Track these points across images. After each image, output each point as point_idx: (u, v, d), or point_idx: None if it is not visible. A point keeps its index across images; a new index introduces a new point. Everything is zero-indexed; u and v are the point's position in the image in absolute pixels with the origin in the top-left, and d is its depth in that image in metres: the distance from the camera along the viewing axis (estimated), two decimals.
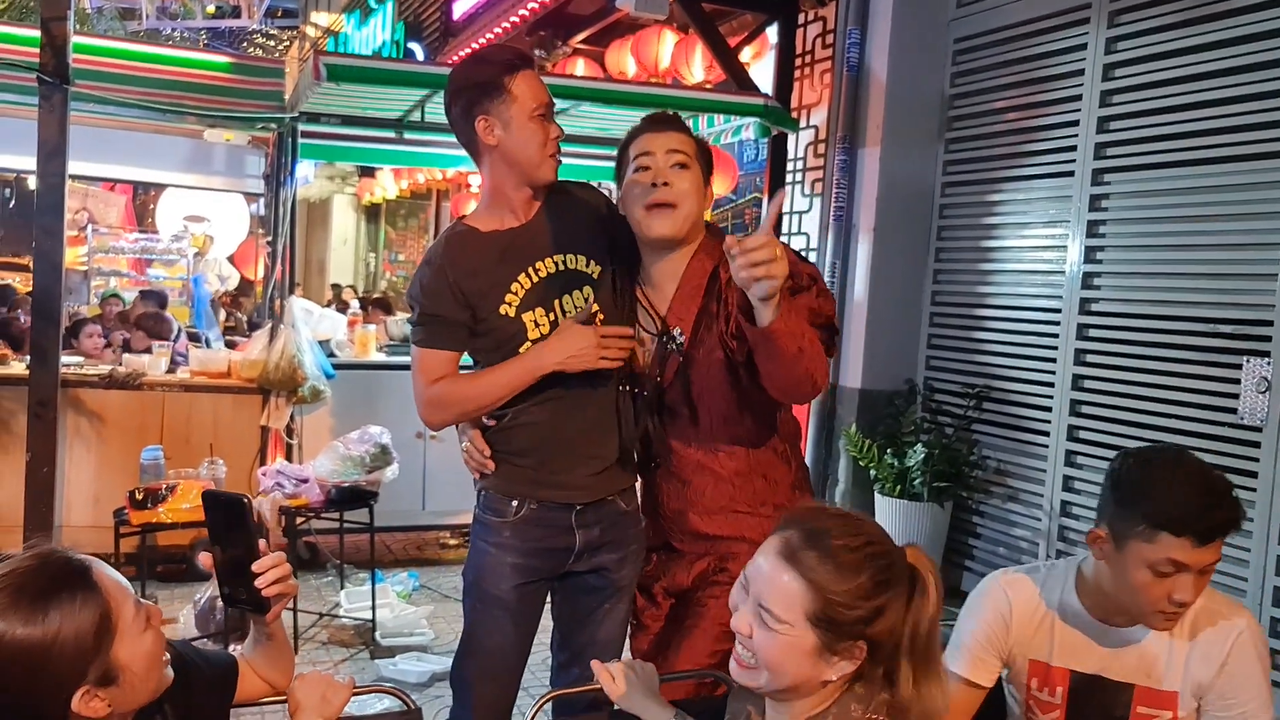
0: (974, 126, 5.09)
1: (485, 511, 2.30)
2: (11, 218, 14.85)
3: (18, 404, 4.56)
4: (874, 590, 1.38)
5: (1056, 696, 1.92)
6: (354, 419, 4.92)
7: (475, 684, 2.28)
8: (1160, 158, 4.15)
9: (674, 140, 2.17)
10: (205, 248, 10.16)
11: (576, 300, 2.23)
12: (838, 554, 1.39)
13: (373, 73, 4.82)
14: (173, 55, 5.49)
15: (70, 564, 1.33)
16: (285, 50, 15.59)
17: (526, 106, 2.13)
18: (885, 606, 1.38)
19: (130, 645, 1.32)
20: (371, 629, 4.32)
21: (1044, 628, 1.93)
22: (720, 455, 2.21)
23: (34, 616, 1.24)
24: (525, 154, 2.15)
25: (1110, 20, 4.35)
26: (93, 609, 1.29)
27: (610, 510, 2.29)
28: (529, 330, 2.19)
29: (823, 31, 5.63)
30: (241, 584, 1.54)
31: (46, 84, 3.92)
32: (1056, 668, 1.92)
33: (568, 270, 2.23)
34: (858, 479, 5.18)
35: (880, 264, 5.23)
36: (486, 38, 7.87)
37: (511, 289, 2.19)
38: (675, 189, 2.12)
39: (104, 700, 1.29)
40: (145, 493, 3.92)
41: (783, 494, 2.24)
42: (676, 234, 2.14)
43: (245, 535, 1.52)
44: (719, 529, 2.22)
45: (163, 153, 6.31)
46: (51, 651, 1.24)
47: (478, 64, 2.22)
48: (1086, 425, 4.41)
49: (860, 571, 1.38)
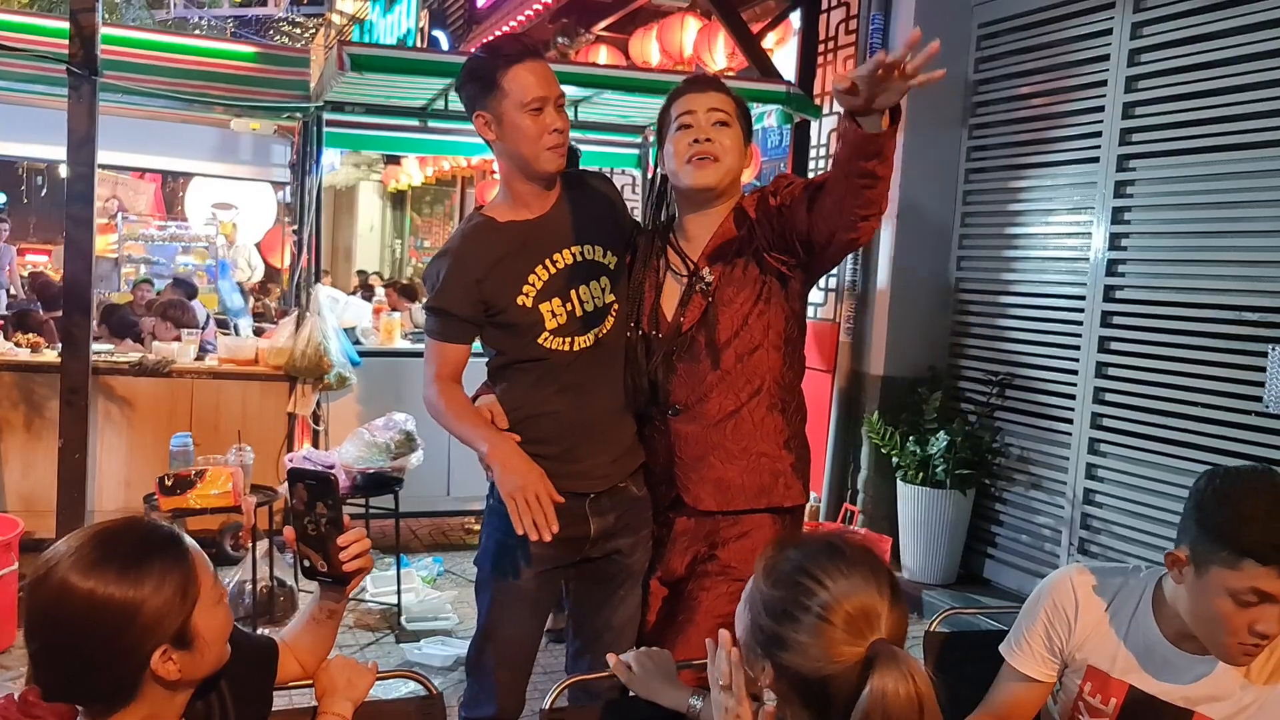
0: (998, 112, 5.06)
1: (499, 502, 2.28)
2: (44, 206, 15.04)
3: (50, 391, 4.64)
4: (782, 614, 1.34)
5: (1109, 707, 1.84)
6: (379, 406, 4.97)
7: (494, 671, 2.31)
8: (1186, 144, 4.11)
9: (714, 99, 2.23)
10: (233, 235, 10.26)
11: (594, 290, 2.25)
12: (781, 558, 1.41)
13: (396, 62, 4.84)
14: (199, 45, 5.53)
15: (162, 530, 1.40)
16: (311, 38, 15.66)
17: (518, 100, 2.13)
18: (790, 642, 1.32)
19: (206, 614, 1.37)
20: (397, 613, 4.37)
21: (1111, 636, 1.85)
22: (743, 396, 2.22)
23: (127, 574, 1.30)
24: (520, 148, 2.17)
25: (1136, 5, 4.31)
26: (180, 573, 1.35)
27: (624, 496, 2.31)
28: (546, 320, 2.22)
29: (846, 17, 5.60)
30: (323, 557, 1.60)
31: (76, 75, 3.97)
32: (1116, 680, 1.83)
33: (585, 261, 2.26)
34: (880, 466, 5.18)
35: (903, 251, 5.22)
36: (510, 24, 7.89)
37: (529, 280, 2.21)
38: (717, 144, 2.19)
39: (177, 664, 1.34)
40: (175, 479, 3.98)
41: (795, 426, 2.28)
42: (718, 184, 2.21)
43: (332, 510, 1.59)
44: (741, 475, 2.22)
45: (190, 142, 6.36)
46: (141, 608, 1.30)
47: (476, 59, 2.24)
48: (1110, 413, 4.39)
49: (778, 586, 1.37)
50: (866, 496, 5.31)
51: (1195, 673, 1.77)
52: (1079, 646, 1.87)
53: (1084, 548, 4.48)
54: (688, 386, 2.24)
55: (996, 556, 4.97)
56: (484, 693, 2.33)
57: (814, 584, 1.33)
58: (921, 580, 4.87)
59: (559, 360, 2.24)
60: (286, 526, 1.64)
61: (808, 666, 1.31)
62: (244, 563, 4.21)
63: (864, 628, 1.30)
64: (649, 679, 1.76)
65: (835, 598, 1.32)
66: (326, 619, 1.69)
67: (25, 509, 4.52)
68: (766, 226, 2.18)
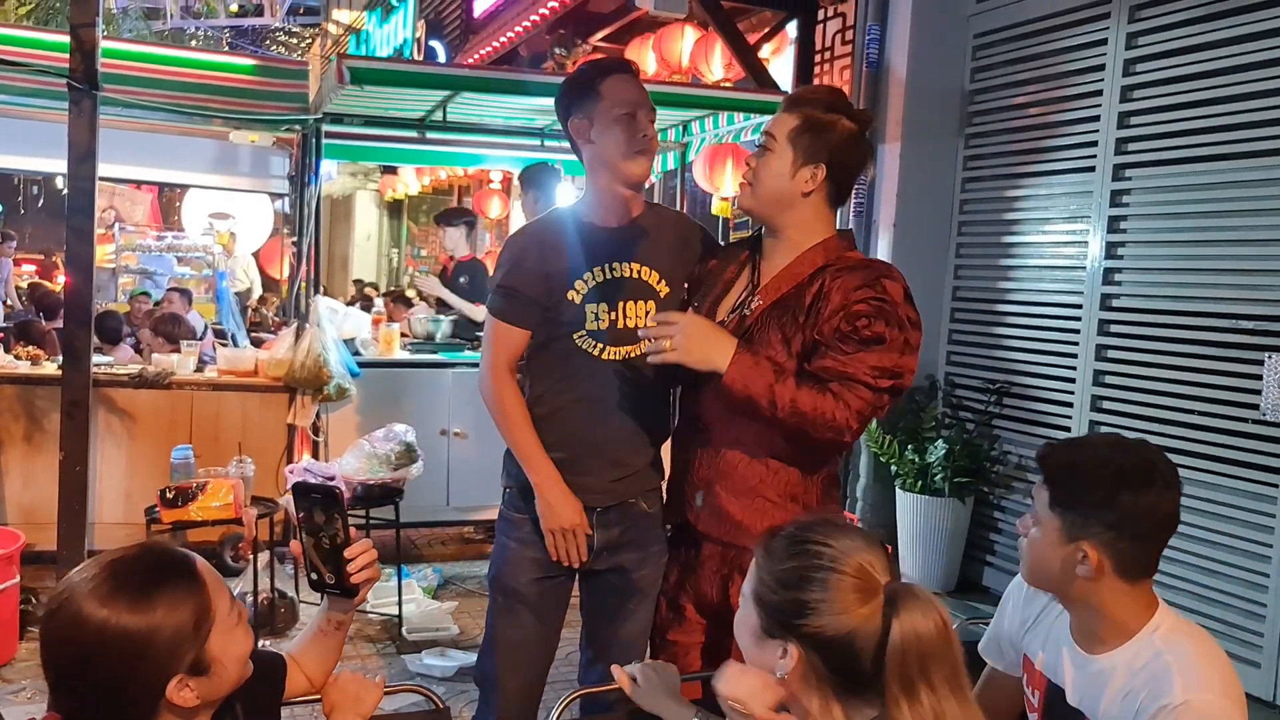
0: (994, 122, 5.09)
1: (509, 508, 2.37)
2: (39, 217, 15.04)
3: (50, 403, 4.64)
4: (796, 581, 1.39)
5: (1035, 700, 1.84)
6: (379, 417, 4.97)
7: (500, 678, 2.32)
8: (1182, 153, 4.14)
9: (769, 121, 2.21)
10: (230, 245, 10.26)
11: (639, 310, 2.30)
12: (777, 539, 1.45)
13: (395, 75, 4.88)
14: (199, 59, 5.55)
15: (174, 556, 1.39)
16: (307, 48, 15.67)
17: (614, 105, 2.25)
18: (811, 603, 1.37)
19: (223, 638, 1.37)
20: (398, 624, 4.37)
21: (1041, 624, 1.85)
22: (759, 432, 2.14)
23: (139, 604, 1.30)
24: (610, 151, 2.26)
25: (1131, 15, 4.34)
26: (193, 600, 1.34)
27: (632, 512, 2.33)
28: (588, 320, 2.28)
29: (842, 28, 5.64)
30: (331, 570, 1.62)
31: (76, 89, 3.98)
32: (1039, 672, 1.82)
33: (639, 280, 2.32)
34: (879, 475, 5.20)
35: (900, 260, 5.22)
36: (507, 35, 7.91)
37: (584, 277, 2.28)
38: (750, 170, 2.20)
39: (194, 690, 1.34)
40: (176, 491, 3.98)
41: (814, 494, 2.20)
42: (748, 210, 2.23)
43: (338, 522, 1.61)
44: (742, 513, 2.18)
45: (189, 154, 6.37)
46: (153, 638, 1.30)
47: (579, 71, 2.37)
48: (1108, 421, 4.41)
49: (784, 560, 1.42)
50: (865, 505, 5.33)
51: (1089, 670, 1.73)
52: (1016, 632, 1.90)
53: None
54: (714, 405, 2.18)
55: (995, 564, 4.99)
56: (491, 700, 2.35)
57: (819, 546, 1.40)
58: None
59: (584, 365, 2.28)
60: (293, 540, 1.65)
61: (832, 625, 1.36)
62: (245, 574, 4.21)
63: (873, 576, 1.38)
64: (653, 693, 1.77)
65: (842, 551, 1.39)
66: (334, 631, 1.71)
67: (26, 521, 4.52)
68: (813, 319, 2.11)
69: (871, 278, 2.09)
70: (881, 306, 2.05)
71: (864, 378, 2.02)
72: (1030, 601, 1.89)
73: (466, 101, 5.27)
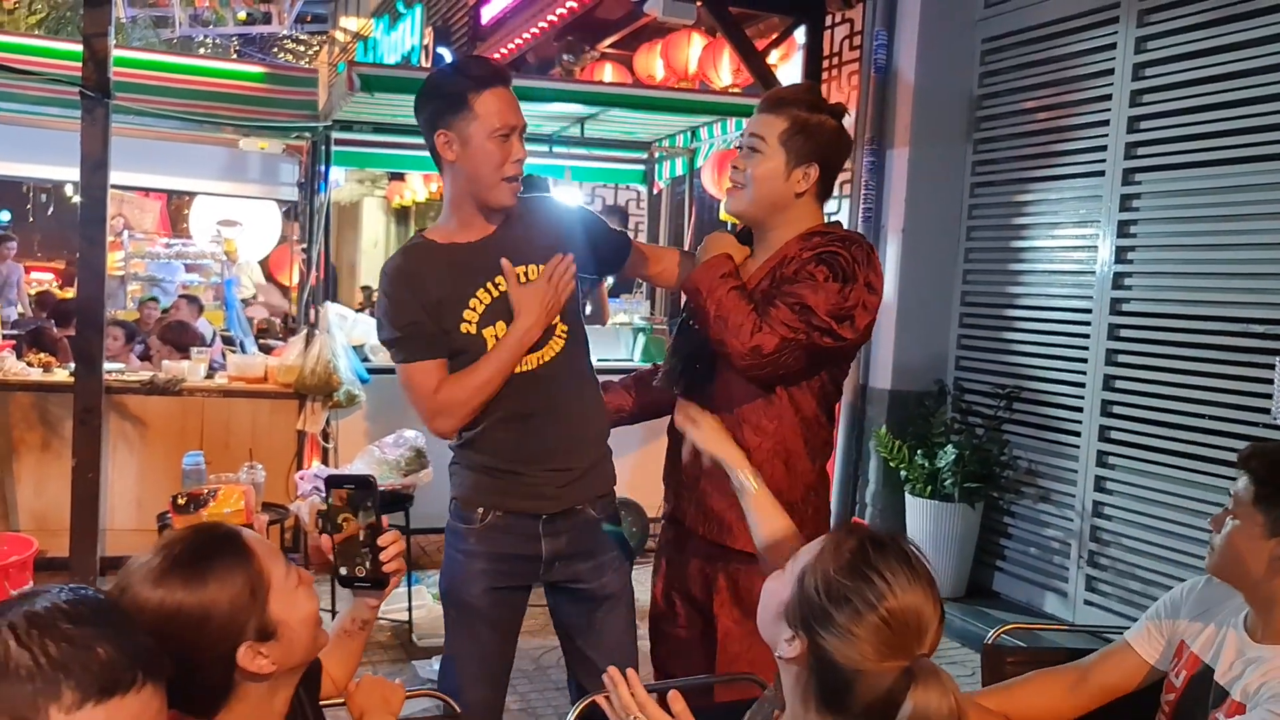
0: (1003, 127, 5.09)
1: (455, 519, 2.31)
2: (49, 224, 15.11)
3: (63, 410, 4.66)
4: (837, 594, 1.32)
5: (1179, 681, 1.88)
6: (389, 423, 4.98)
7: (462, 689, 2.26)
8: (1191, 157, 4.14)
9: (754, 122, 2.19)
10: (235, 253, 10.28)
11: None
12: (850, 540, 1.38)
13: (405, 82, 4.89)
14: (210, 67, 5.59)
15: (220, 532, 1.42)
16: (315, 55, 15.74)
17: (488, 125, 2.10)
18: (837, 623, 1.32)
19: (284, 600, 1.39)
20: (408, 630, 4.38)
21: (1208, 619, 1.89)
22: (747, 430, 2.15)
23: (191, 581, 1.33)
24: (479, 174, 2.13)
25: (1140, 19, 4.34)
26: (244, 569, 1.37)
27: (580, 519, 2.28)
28: (489, 345, 2.17)
29: (850, 33, 5.64)
30: (360, 563, 1.63)
31: (89, 98, 4.00)
32: (1193, 653, 1.87)
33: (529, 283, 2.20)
34: (888, 480, 5.19)
35: (909, 265, 5.24)
36: (515, 42, 7.94)
37: (470, 305, 2.17)
38: (743, 172, 2.17)
39: (267, 657, 1.37)
40: (188, 497, 3.98)
41: (799, 491, 2.19)
42: (742, 213, 2.21)
43: (373, 514, 1.62)
44: (728, 512, 2.15)
45: (199, 162, 6.40)
46: (211, 610, 1.33)
47: (444, 75, 2.21)
48: (1118, 425, 4.41)
49: (840, 567, 1.34)
50: (875, 510, 5.32)
51: (1248, 654, 1.77)
52: (1181, 630, 1.92)
53: (1094, 560, 4.49)
54: (700, 400, 2.19)
55: (1005, 569, 4.98)
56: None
57: (883, 583, 1.32)
58: None
59: (508, 386, 2.17)
60: (321, 535, 1.66)
61: (846, 657, 1.31)
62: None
63: (914, 640, 1.31)
64: (716, 435, 1.97)
65: (901, 605, 1.31)
66: (358, 631, 1.73)
67: (38, 528, 4.54)
68: (777, 288, 2.12)
69: (833, 239, 2.11)
70: (833, 259, 2.06)
71: (790, 299, 2.03)
72: (1203, 599, 1.93)
73: None
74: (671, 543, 2.37)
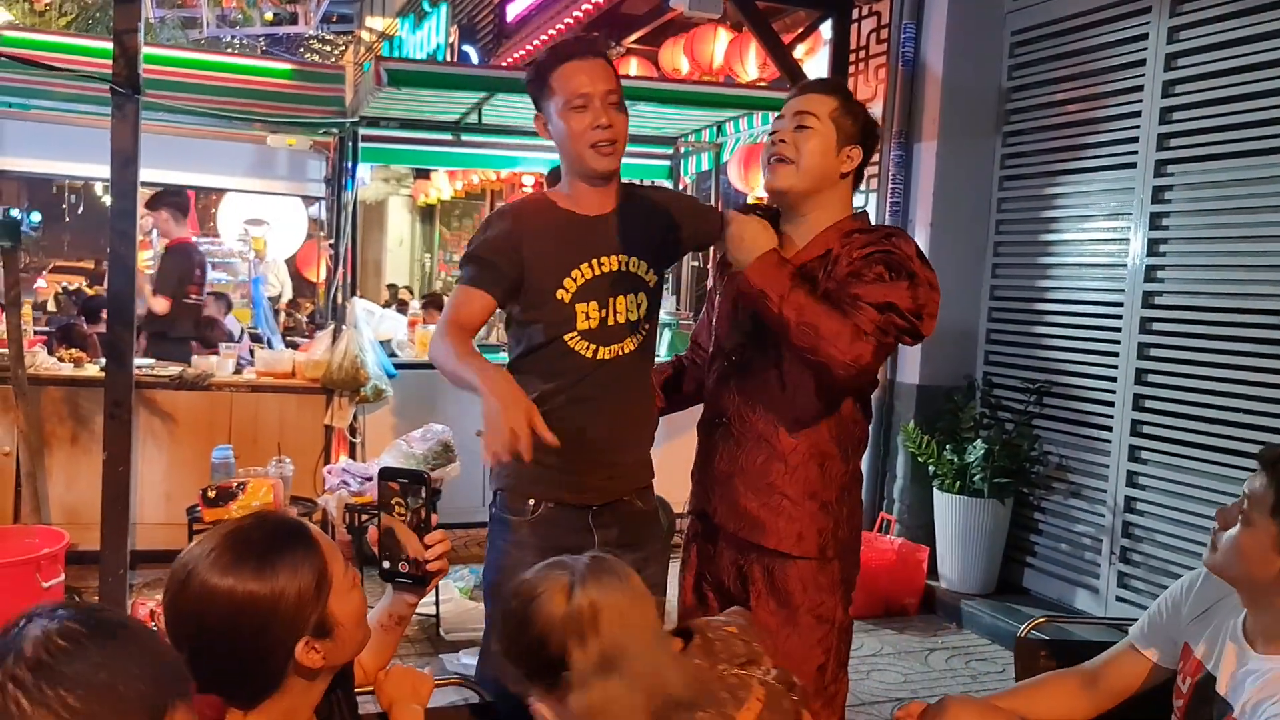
0: (1032, 119, 5.04)
1: (502, 510, 2.28)
2: (79, 223, 15.26)
3: (93, 405, 4.70)
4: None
5: (1185, 687, 1.84)
6: (416, 418, 5.00)
7: (499, 684, 2.25)
8: (1224, 148, 4.08)
9: (804, 102, 2.19)
10: (264, 251, 10.34)
11: (629, 303, 2.23)
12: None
13: (433, 77, 4.92)
14: (238, 63, 5.62)
15: (289, 523, 1.42)
16: (341, 55, 15.82)
17: (563, 98, 2.15)
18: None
19: (342, 600, 1.40)
20: (436, 624, 4.39)
21: (1209, 619, 1.85)
22: (782, 431, 2.15)
23: (262, 571, 1.32)
24: (565, 148, 2.20)
25: (1172, 9, 4.29)
26: (312, 563, 1.36)
27: (626, 510, 2.29)
28: (578, 320, 2.18)
29: (877, 26, 5.60)
30: (404, 558, 1.64)
31: (119, 94, 4.02)
32: (1196, 659, 1.83)
33: (628, 273, 2.24)
34: (917, 475, 5.16)
35: (938, 259, 5.05)
36: (540, 39, 7.94)
37: (571, 274, 2.18)
38: (792, 146, 2.15)
39: (320, 653, 1.37)
40: (217, 490, 4.02)
41: (833, 490, 2.18)
42: (789, 189, 2.17)
43: (424, 509, 1.62)
44: (759, 510, 2.16)
45: (226, 158, 6.42)
46: (279, 602, 1.32)
47: (535, 60, 2.27)
48: (1150, 420, 4.36)
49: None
50: (903, 506, 5.29)
51: (1248, 665, 1.72)
52: (1184, 630, 1.89)
53: (1125, 556, 4.44)
54: (737, 398, 2.20)
55: (1036, 566, 4.93)
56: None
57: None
58: (960, 590, 4.84)
59: (577, 365, 2.19)
60: (370, 527, 1.67)
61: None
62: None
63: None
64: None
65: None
66: (394, 626, 1.72)
67: (69, 521, 4.58)
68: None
69: (879, 237, 2.12)
70: (889, 257, 2.06)
71: (872, 299, 2.01)
72: (1203, 597, 1.89)
73: (501, 104, 5.29)
74: (701, 535, 2.36)
